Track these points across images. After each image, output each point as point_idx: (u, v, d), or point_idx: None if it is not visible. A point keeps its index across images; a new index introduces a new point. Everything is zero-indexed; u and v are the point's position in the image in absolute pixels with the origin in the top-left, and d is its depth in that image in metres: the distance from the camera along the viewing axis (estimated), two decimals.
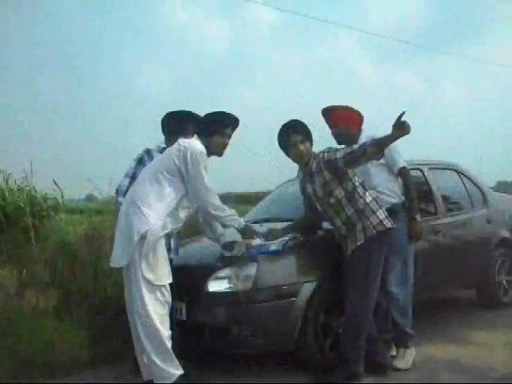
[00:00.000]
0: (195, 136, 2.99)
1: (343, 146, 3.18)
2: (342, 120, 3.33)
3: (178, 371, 2.70)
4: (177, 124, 3.21)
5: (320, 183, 3.01)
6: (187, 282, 3.01)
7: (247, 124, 3.12)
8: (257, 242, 3.18)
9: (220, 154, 3.02)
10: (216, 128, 2.98)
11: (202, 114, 3.09)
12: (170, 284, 2.77)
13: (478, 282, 4.55)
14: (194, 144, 2.88)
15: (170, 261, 2.98)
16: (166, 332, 2.70)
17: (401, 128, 2.69)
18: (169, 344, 2.70)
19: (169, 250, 3.10)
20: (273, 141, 3.22)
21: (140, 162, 3.24)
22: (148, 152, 3.28)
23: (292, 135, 3.05)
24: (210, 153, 2.93)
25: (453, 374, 3.07)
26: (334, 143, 3.40)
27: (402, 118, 2.68)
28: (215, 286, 3.00)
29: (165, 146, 3.27)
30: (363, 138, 3.36)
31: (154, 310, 2.67)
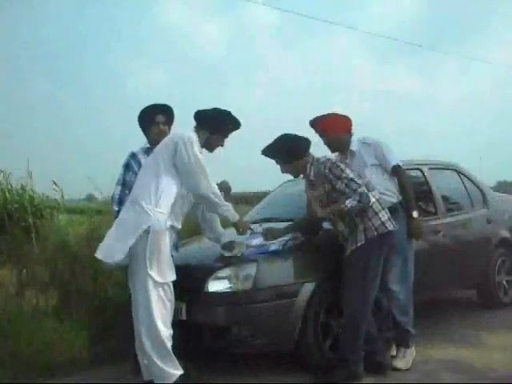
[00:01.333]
0: (192, 129, 2.98)
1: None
2: (332, 127, 3.34)
3: (177, 371, 2.70)
4: (148, 118, 3.22)
5: (321, 192, 3.03)
6: (187, 282, 3.00)
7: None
8: (257, 241, 3.19)
9: (211, 151, 3.04)
10: (221, 128, 3.00)
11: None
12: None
13: (478, 282, 4.55)
14: (181, 132, 2.88)
15: None
16: (167, 331, 2.70)
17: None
18: (169, 344, 2.69)
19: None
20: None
21: (127, 168, 3.18)
22: (133, 156, 3.22)
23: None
24: (203, 145, 2.95)
25: (453, 374, 3.07)
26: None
27: None
28: (215, 285, 3.00)
29: (148, 145, 3.25)
30: (355, 141, 3.38)
31: (157, 308, 2.67)
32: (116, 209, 3.09)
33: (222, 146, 3.06)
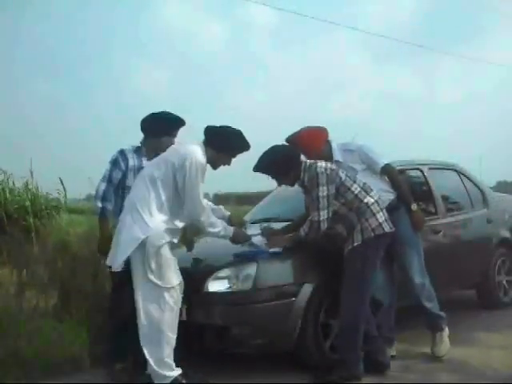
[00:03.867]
0: (200, 143, 2.93)
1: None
2: (310, 141, 3.31)
3: (177, 371, 2.71)
4: (162, 126, 3.14)
5: (310, 199, 3.00)
6: (187, 282, 3.00)
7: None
8: (258, 240, 3.18)
9: (215, 169, 3.01)
10: (230, 149, 2.96)
11: (202, 115, 3.08)
12: None
13: (478, 282, 4.55)
14: (196, 153, 2.81)
15: None
16: (172, 334, 2.70)
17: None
18: (171, 346, 2.70)
19: None
20: (271, 140, 3.22)
21: (115, 164, 3.12)
22: (122, 153, 3.16)
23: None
24: (207, 161, 2.90)
25: (453, 374, 3.07)
26: None
27: None
28: (215, 286, 3.00)
29: (139, 145, 3.22)
30: (336, 149, 3.37)
31: (161, 313, 2.67)
32: (100, 205, 3.05)
33: (228, 165, 3.03)
